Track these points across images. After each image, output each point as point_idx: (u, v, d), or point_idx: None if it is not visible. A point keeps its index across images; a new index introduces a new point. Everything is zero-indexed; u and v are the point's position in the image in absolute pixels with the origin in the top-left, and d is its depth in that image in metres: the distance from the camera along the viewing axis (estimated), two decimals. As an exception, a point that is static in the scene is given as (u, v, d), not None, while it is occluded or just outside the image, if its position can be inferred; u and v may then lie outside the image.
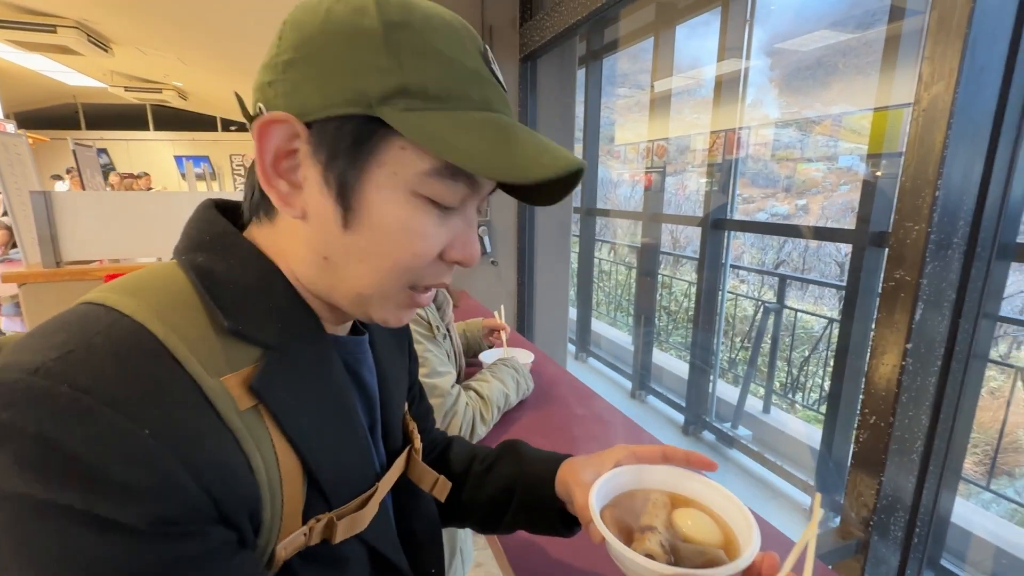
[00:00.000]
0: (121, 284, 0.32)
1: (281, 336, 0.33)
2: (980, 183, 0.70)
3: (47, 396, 0.25)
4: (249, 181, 0.36)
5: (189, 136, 9.04)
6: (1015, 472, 3.22)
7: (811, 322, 3.68)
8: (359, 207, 0.32)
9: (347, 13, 0.31)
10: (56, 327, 0.29)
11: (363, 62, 0.30)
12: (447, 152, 0.30)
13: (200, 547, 0.27)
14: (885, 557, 0.78)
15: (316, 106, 0.31)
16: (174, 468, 0.26)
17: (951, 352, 0.78)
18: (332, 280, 0.35)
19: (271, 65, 0.32)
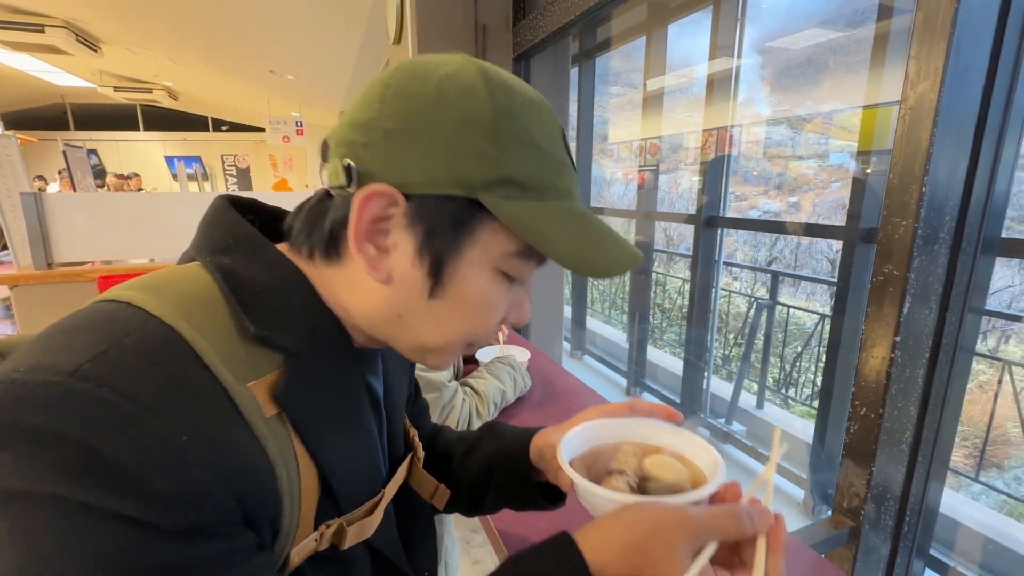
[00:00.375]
0: (143, 282, 0.32)
1: (304, 343, 0.34)
2: (965, 179, 0.72)
3: (88, 400, 0.25)
4: (305, 223, 0.36)
5: (180, 136, 8.98)
6: (1004, 464, 3.27)
7: (803, 318, 3.72)
8: (448, 281, 0.34)
9: (458, 94, 0.32)
10: (83, 326, 0.29)
11: (471, 148, 0.31)
12: (542, 244, 0.33)
13: (225, 547, 0.28)
14: (876, 546, 0.80)
15: (418, 181, 0.32)
16: (209, 476, 0.27)
17: (938, 345, 0.80)
18: (398, 332, 0.36)
19: (369, 127, 0.32)
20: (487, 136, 0.31)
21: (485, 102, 0.32)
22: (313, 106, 7.10)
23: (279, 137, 6.11)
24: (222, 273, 0.32)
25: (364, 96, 0.34)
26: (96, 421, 0.24)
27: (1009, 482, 2.89)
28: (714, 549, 0.33)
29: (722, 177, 2.61)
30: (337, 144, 0.34)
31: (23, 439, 0.24)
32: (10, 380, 0.25)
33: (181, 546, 0.26)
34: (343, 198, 0.34)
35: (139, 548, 0.25)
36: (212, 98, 7.80)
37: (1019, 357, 2.96)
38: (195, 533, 0.26)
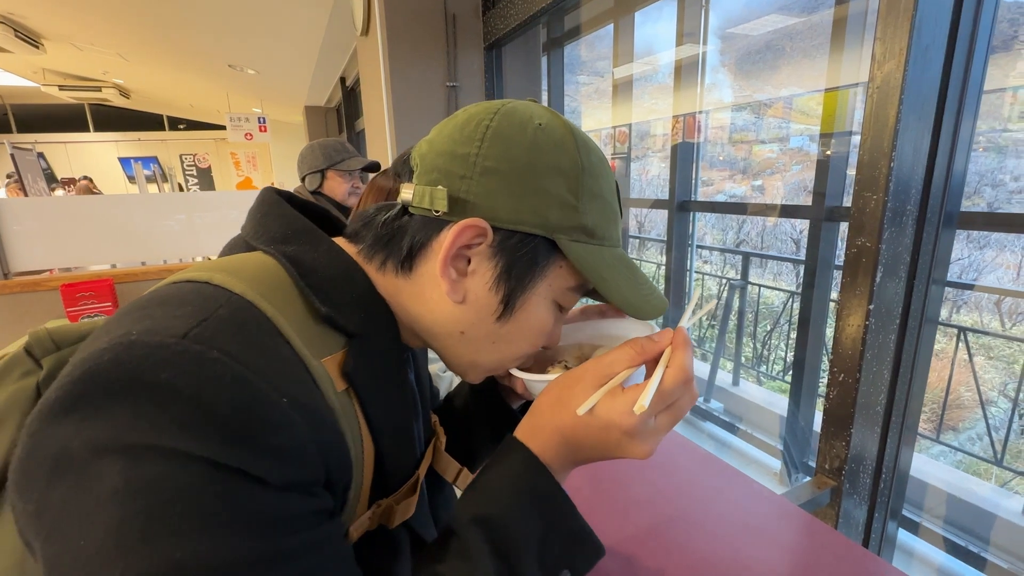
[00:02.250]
0: (215, 266, 0.33)
1: (364, 326, 0.36)
2: (928, 154, 0.76)
3: (203, 360, 0.26)
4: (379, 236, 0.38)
5: (134, 136, 8.58)
6: (959, 427, 3.48)
7: (772, 298, 3.85)
8: (517, 308, 0.37)
9: (551, 146, 0.36)
10: (175, 300, 0.30)
11: (556, 195, 0.35)
12: (602, 286, 0.37)
13: (315, 506, 0.29)
14: (856, 503, 0.85)
15: (506, 218, 0.35)
16: (308, 437, 0.29)
17: (907, 313, 0.85)
18: (455, 346, 0.39)
19: (468, 161, 0.35)
20: (571, 188, 0.36)
21: (573, 157, 0.36)
22: (276, 101, 6.89)
23: (241, 134, 5.91)
24: (288, 259, 0.34)
25: (462, 130, 0.36)
26: (212, 379, 0.26)
27: (963, 442, 3.08)
28: (624, 376, 0.36)
29: (692, 162, 2.67)
30: (430, 170, 0.36)
31: (144, 395, 0.25)
32: (129, 342, 0.26)
33: (281, 500, 0.27)
34: (426, 219, 0.36)
35: (246, 500, 0.26)
36: (167, 95, 7.47)
37: (971, 325, 3.14)
38: (294, 488, 0.28)
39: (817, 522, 0.66)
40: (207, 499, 0.25)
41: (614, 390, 0.35)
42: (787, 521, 0.67)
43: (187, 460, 0.25)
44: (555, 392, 0.37)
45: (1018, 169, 4.89)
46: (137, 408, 0.25)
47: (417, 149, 0.38)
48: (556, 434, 0.36)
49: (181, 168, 8.65)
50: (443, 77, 2.08)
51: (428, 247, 0.36)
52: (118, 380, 0.25)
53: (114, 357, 0.26)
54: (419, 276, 0.37)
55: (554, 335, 0.42)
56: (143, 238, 2.57)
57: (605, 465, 0.82)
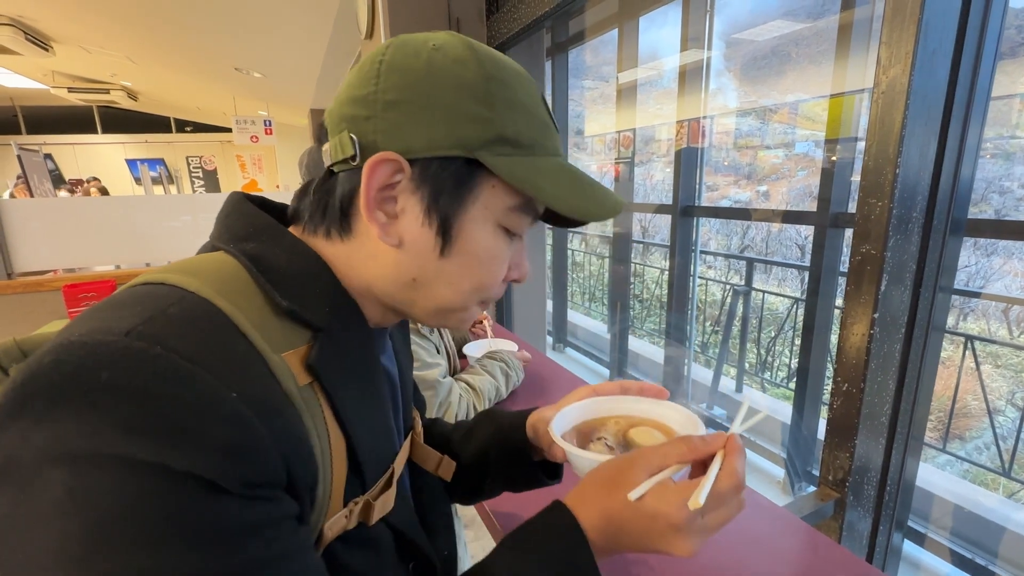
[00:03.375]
0: (174, 267, 0.33)
1: (329, 320, 0.35)
2: (935, 161, 0.75)
3: (145, 357, 0.25)
4: (314, 204, 0.37)
5: (141, 138, 8.65)
6: (966, 435, 3.44)
7: (776, 304, 3.82)
8: (456, 238, 0.36)
9: (449, 64, 0.34)
10: (127, 301, 0.29)
11: (466, 111, 0.34)
12: (537, 193, 0.35)
13: (275, 512, 0.28)
14: (860, 515, 0.83)
15: (420, 147, 0.34)
16: (260, 432, 0.27)
17: (913, 322, 0.84)
18: (413, 297, 0.38)
19: (369, 101, 0.34)
20: (480, 100, 0.34)
21: (475, 70, 0.34)
22: (282, 104, 6.93)
23: (247, 137, 5.94)
24: (248, 257, 0.34)
25: (359, 74, 0.35)
26: (154, 377, 0.25)
27: (971, 452, 3.04)
28: (674, 470, 0.36)
29: (696, 167, 2.66)
30: (338, 121, 0.35)
31: (85, 398, 0.24)
32: (68, 343, 0.25)
33: (238, 508, 0.26)
34: (348, 172, 0.35)
35: (199, 509, 0.25)
36: (174, 98, 7.53)
37: (977, 333, 3.10)
38: (252, 494, 0.27)
39: (820, 536, 0.65)
40: (155, 510, 0.23)
41: (665, 482, 0.35)
42: (790, 535, 0.66)
43: (132, 467, 0.23)
44: (605, 474, 0.37)
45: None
46: (79, 412, 0.24)
47: (329, 107, 0.37)
48: (603, 515, 0.35)
49: (188, 170, 8.71)
50: (446, 81, 2.08)
51: (355, 200, 0.35)
52: (59, 383, 0.24)
53: (54, 360, 0.25)
54: (359, 235, 0.36)
55: (518, 265, 0.41)
56: (147, 239, 2.58)
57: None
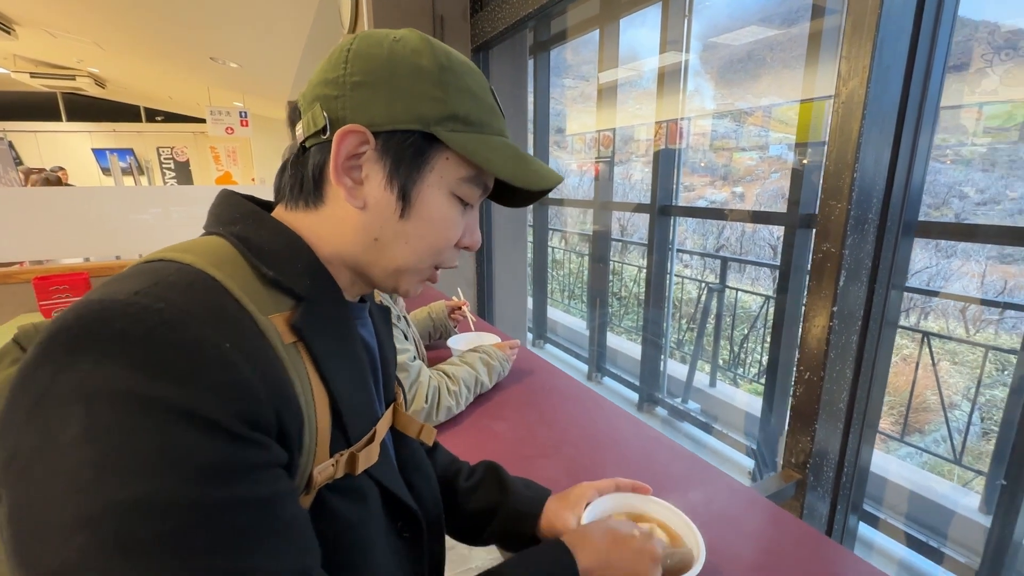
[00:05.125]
0: (172, 247, 0.37)
1: (311, 291, 0.39)
2: (888, 167, 0.81)
3: (150, 309, 0.29)
4: (291, 178, 0.42)
5: (109, 127, 8.35)
6: (925, 429, 3.62)
7: (749, 302, 3.95)
8: (414, 201, 0.41)
9: (408, 53, 0.40)
10: (131, 274, 0.33)
11: (422, 92, 0.40)
12: (485, 164, 0.41)
13: (265, 457, 0.31)
14: (820, 495, 0.90)
15: (383, 121, 0.39)
16: (251, 375, 0.31)
17: (868, 315, 0.90)
18: (375, 257, 0.43)
19: (338, 83, 0.39)
20: (434, 83, 0.40)
21: (430, 58, 0.40)
22: (258, 95, 6.78)
23: (221, 128, 5.81)
24: (236, 236, 0.38)
25: (329, 60, 0.41)
26: (157, 325, 0.29)
27: (929, 444, 3.21)
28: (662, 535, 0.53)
29: (674, 167, 2.73)
30: (310, 101, 0.40)
31: (101, 344, 0.28)
32: (86, 302, 0.30)
33: (230, 446, 0.29)
34: (319, 145, 0.40)
35: (194, 440, 0.28)
36: (145, 86, 7.29)
37: (937, 331, 3.26)
38: (242, 433, 0.30)
39: (783, 512, 0.70)
40: (155, 443, 0.27)
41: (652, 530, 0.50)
42: (754, 511, 0.71)
43: (139, 403, 0.27)
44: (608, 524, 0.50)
45: (983, 182, 5.09)
46: (95, 357, 0.27)
47: (300, 94, 0.42)
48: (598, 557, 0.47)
49: (158, 161, 8.46)
50: (430, 77, 2.10)
51: (326, 170, 0.40)
52: (78, 333, 0.28)
53: (76, 315, 0.29)
54: (329, 202, 0.41)
55: (470, 233, 0.46)
56: (117, 231, 2.52)
57: (581, 456, 0.85)
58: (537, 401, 1.07)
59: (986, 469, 1.98)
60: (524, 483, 0.66)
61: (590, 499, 0.63)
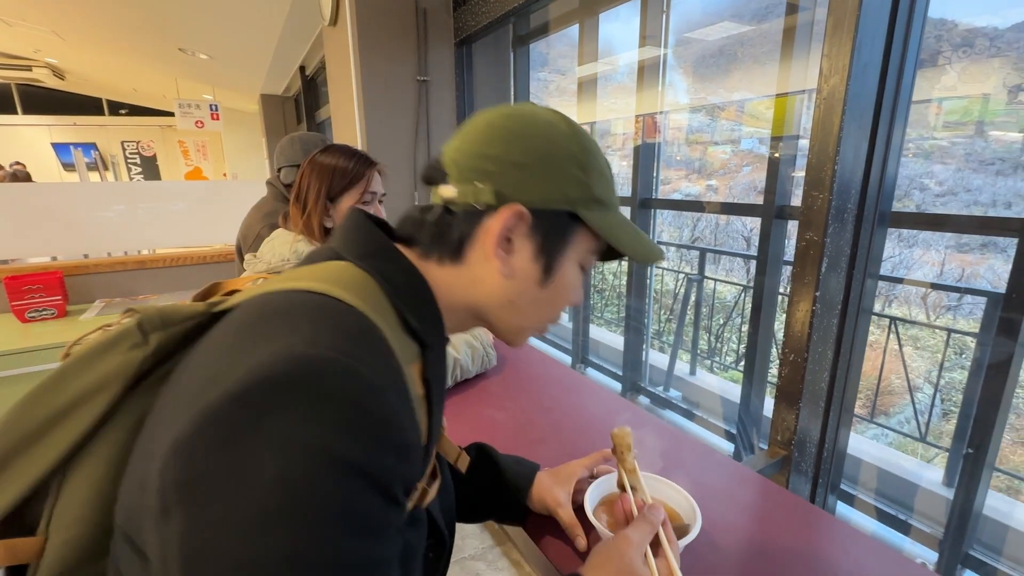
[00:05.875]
0: (326, 278, 0.39)
1: (434, 339, 0.43)
2: (865, 159, 0.86)
3: (356, 372, 0.31)
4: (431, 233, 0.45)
5: (69, 120, 8.00)
6: (890, 411, 3.80)
7: (724, 292, 4.06)
8: (555, 273, 0.46)
9: (560, 137, 0.44)
10: (315, 313, 0.35)
11: (571, 176, 0.44)
12: (616, 243, 0.46)
13: (399, 517, 0.34)
14: (803, 469, 0.95)
15: (538, 201, 0.43)
16: (416, 440, 0.34)
17: (847, 302, 0.96)
18: (506, 316, 0.48)
19: (499, 160, 0.43)
20: (580, 167, 0.44)
21: (577, 143, 0.45)
22: (230, 88, 6.59)
23: (191, 122, 5.64)
24: (382, 277, 0.41)
25: (487, 134, 0.44)
26: (365, 391, 0.31)
27: (895, 424, 3.37)
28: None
29: (653, 161, 2.78)
30: (466, 171, 0.44)
31: (311, 400, 0.29)
32: (299, 353, 0.31)
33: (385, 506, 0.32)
34: (469, 213, 0.44)
35: (364, 499, 0.30)
36: (108, 78, 7.00)
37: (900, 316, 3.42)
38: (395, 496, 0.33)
39: (770, 483, 0.75)
40: (337, 502, 0.29)
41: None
42: (744, 483, 0.75)
43: (332, 462, 0.29)
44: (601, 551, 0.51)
45: (943, 174, 5.33)
46: (304, 410, 0.29)
47: (447, 156, 0.45)
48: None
49: (123, 156, 8.15)
50: (414, 71, 2.09)
51: (473, 236, 0.44)
52: (291, 385, 0.30)
53: (288, 367, 0.30)
54: (469, 262, 0.45)
55: (580, 293, 0.51)
56: (85, 229, 2.44)
57: (577, 439, 0.88)
58: (532, 389, 1.10)
59: (948, 445, 2.09)
60: (515, 460, 0.70)
61: (580, 476, 0.68)
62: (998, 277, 4.94)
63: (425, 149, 2.19)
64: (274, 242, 1.07)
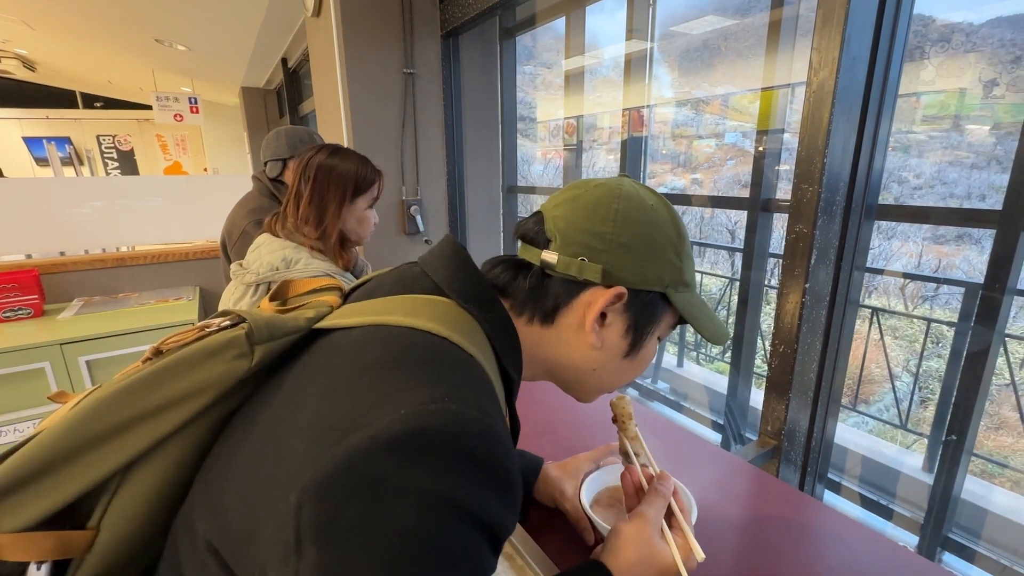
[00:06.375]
0: (442, 319, 0.40)
1: (515, 386, 0.46)
2: (854, 153, 0.87)
3: (494, 433, 0.34)
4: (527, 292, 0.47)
5: (42, 114, 7.75)
6: (870, 399, 3.89)
7: (710, 285, 4.10)
8: (640, 347, 0.49)
9: (661, 222, 0.47)
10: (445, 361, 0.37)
11: (667, 260, 0.46)
12: (695, 325, 0.48)
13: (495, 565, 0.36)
14: (793, 458, 0.96)
15: (634, 280, 0.45)
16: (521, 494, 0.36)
17: (835, 293, 0.97)
18: (585, 379, 0.50)
19: (604, 238, 0.45)
20: (676, 252, 0.47)
21: (674, 229, 0.47)
22: (209, 81, 6.44)
23: (169, 116, 5.50)
24: (490, 327, 0.43)
25: (596, 211, 0.46)
26: (499, 452, 0.33)
27: (875, 412, 3.45)
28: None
29: (641, 155, 2.79)
30: (572, 243, 0.45)
31: (452, 456, 0.31)
32: (451, 411, 0.32)
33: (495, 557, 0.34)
34: (567, 281, 0.46)
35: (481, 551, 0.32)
36: (81, 70, 6.79)
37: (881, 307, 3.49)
38: (500, 547, 0.35)
39: (762, 472, 0.76)
40: (462, 552, 0.30)
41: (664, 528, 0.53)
42: (737, 473, 0.76)
43: (465, 516, 0.31)
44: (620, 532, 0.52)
45: (920, 167, 5.44)
46: (446, 465, 0.31)
47: (552, 222, 0.47)
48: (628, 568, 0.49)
49: (99, 150, 7.94)
50: (400, 64, 2.06)
51: (570, 305, 0.46)
52: (437, 440, 0.31)
53: (439, 422, 0.31)
54: (560, 327, 0.47)
55: (652, 362, 0.53)
56: (61, 226, 2.37)
57: (573, 432, 0.89)
58: (526, 385, 1.10)
59: (927, 432, 2.15)
60: (518, 454, 0.70)
61: (587, 470, 0.68)
62: (972, 267, 5.07)
63: (412, 143, 2.17)
64: (260, 250, 1.04)
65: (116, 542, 0.36)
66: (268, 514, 0.31)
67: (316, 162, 1.03)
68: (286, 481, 0.31)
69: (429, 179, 2.26)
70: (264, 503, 0.32)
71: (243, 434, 0.38)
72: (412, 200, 2.21)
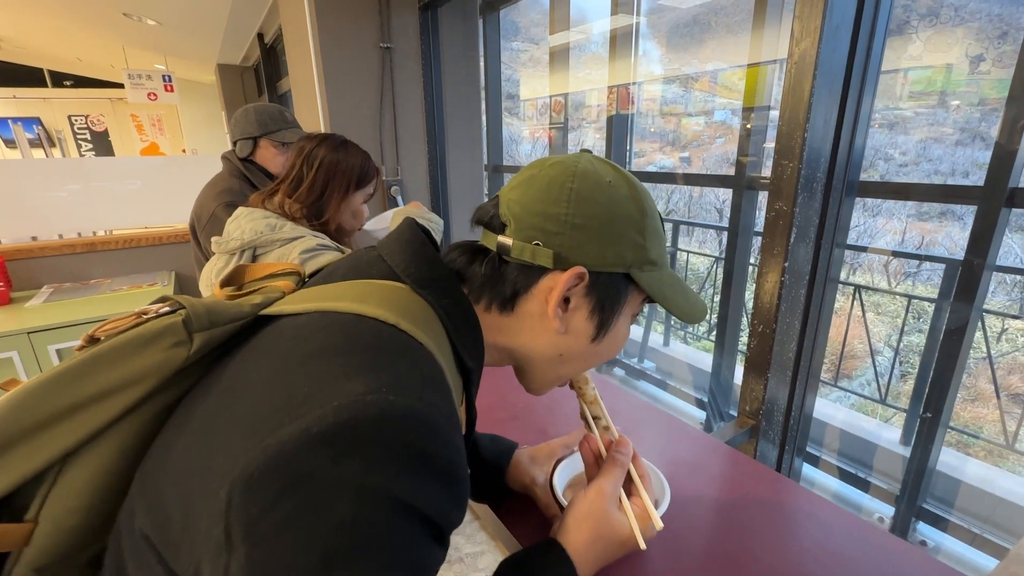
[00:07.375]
0: (393, 305, 0.38)
1: (476, 376, 0.44)
2: (835, 128, 0.85)
3: (435, 425, 0.32)
4: (484, 278, 0.45)
5: (8, 93, 7.45)
6: (852, 375, 3.96)
7: (697, 264, 4.11)
8: (608, 330, 0.47)
9: (621, 199, 0.44)
10: (390, 350, 0.35)
11: (629, 239, 0.44)
12: (665, 304, 0.46)
13: (443, 557, 0.34)
14: (771, 438, 0.97)
15: (596, 263, 0.43)
16: (469, 485, 0.36)
17: (815, 272, 0.96)
18: (551, 367, 0.49)
19: (559, 220, 0.43)
20: (638, 231, 0.45)
21: (637, 205, 0.45)
22: (183, 58, 6.21)
23: (143, 94, 5.31)
24: (446, 313, 0.41)
25: (549, 192, 0.43)
26: (440, 442, 0.32)
27: (856, 387, 3.52)
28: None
29: (627, 133, 2.75)
30: (526, 227, 0.43)
31: (386, 446, 0.29)
32: (388, 402, 0.30)
33: (440, 550, 0.33)
34: (524, 267, 0.44)
35: (422, 544, 0.31)
36: (48, 47, 6.50)
37: (863, 284, 3.52)
38: (446, 539, 0.34)
39: (739, 454, 0.75)
40: (401, 546, 0.29)
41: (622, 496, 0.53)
42: (713, 454, 0.76)
43: (403, 509, 0.30)
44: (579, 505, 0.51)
45: (906, 144, 5.45)
46: (379, 456, 0.29)
47: (506, 206, 0.45)
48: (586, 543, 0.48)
49: (71, 131, 7.67)
50: (376, 38, 1.99)
51: (529, 292, 0.44)
52: (376, 432, 0.29)
53: (374, 413, 0.30)
54: (521, 315, 0.46)
55: (624, 344, 0.52)
56: (33, 209, 2.29)
57: (550, 415, 0.88)
58: (505, 368, 1.09)
59: (906, 406, 2.19)
60: (490, 438, 0.69)
61: (559, 455, 0.67)
62: (955, 244, 5.14)
63: (391, 121, 2.10)
64: (240, 220, 1.01)
65: (58, 534, 0.35)
66: (203, 507, 0.30)
67: (322, 153, 1.05)
68: (221, 473, 0.29)
69: (410, 159, 2.21)
70: (200, 496, 0.30)
71: (182, 424, 0.36)
72: (392, 180, 2.16)
